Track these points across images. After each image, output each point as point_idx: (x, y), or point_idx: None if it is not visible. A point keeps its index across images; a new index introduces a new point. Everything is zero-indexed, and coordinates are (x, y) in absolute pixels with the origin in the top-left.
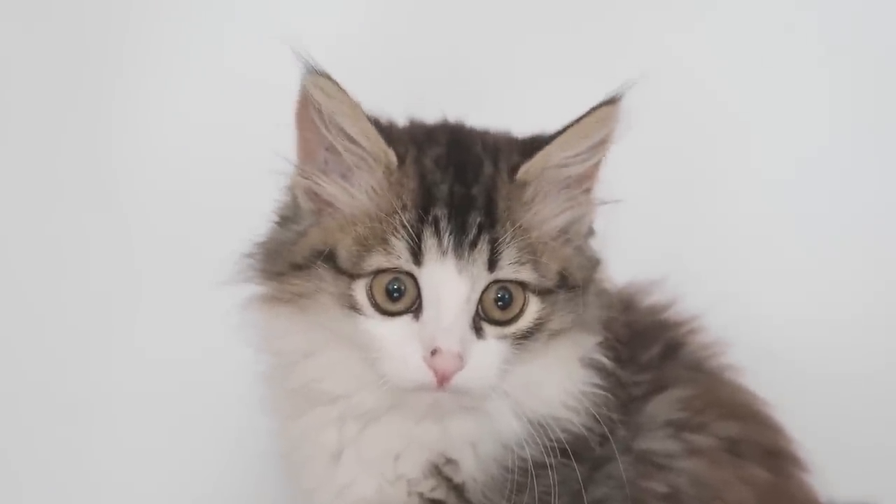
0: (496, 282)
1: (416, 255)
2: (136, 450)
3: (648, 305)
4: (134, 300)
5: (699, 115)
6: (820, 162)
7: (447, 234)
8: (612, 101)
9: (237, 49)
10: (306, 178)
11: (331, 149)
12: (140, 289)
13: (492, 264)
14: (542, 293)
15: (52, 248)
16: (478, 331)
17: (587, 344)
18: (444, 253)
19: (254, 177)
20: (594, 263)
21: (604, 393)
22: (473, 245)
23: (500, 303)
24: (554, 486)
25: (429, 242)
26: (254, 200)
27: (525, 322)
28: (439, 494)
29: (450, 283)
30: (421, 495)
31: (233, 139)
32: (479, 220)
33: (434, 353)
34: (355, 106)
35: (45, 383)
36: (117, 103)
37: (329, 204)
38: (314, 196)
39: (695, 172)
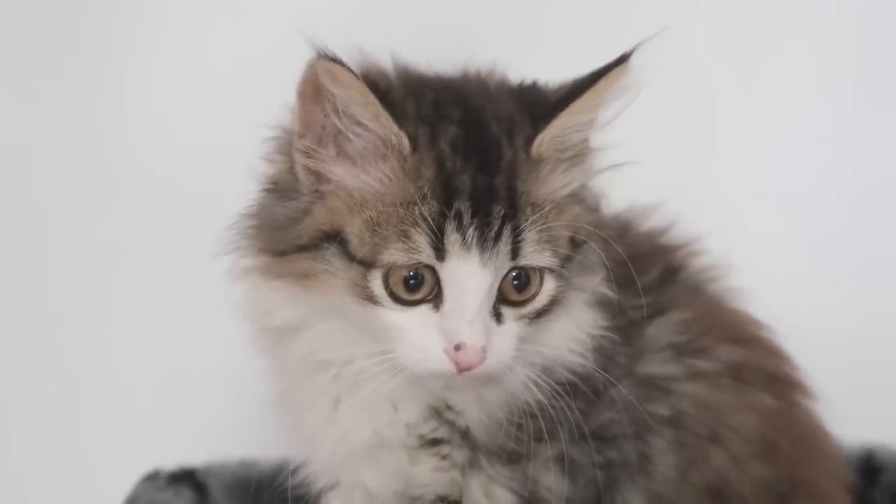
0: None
1: (439, 251)
2: (134, 401)
3: (646, 230)
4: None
5: (702, 73)
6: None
7: (471, 228)
8: (622, 61)
9: (235, 29)
10: (309, 157)
11: (339, 133)
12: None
13: (514, 253)
14: (557, 269)
15: (50, 238)
16: (497, 316)
17: (591, 286)
18: (468, 248)
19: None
20: (596, 210)
21: (608, 328)
22: (497, 237)
23: (516, 283)
24: (558, 419)
25: (452, 237)
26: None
27: (541, 301)
28: (441, 434)
29: (474, 276)
30: (422, 437)
31: (233, 114)
32: (502, 211)
33: (458, 347)
34: (368, 93)
35: (47, 362)
36: (116, 87)
37: (335, 184)
38: (317, 174)
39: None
